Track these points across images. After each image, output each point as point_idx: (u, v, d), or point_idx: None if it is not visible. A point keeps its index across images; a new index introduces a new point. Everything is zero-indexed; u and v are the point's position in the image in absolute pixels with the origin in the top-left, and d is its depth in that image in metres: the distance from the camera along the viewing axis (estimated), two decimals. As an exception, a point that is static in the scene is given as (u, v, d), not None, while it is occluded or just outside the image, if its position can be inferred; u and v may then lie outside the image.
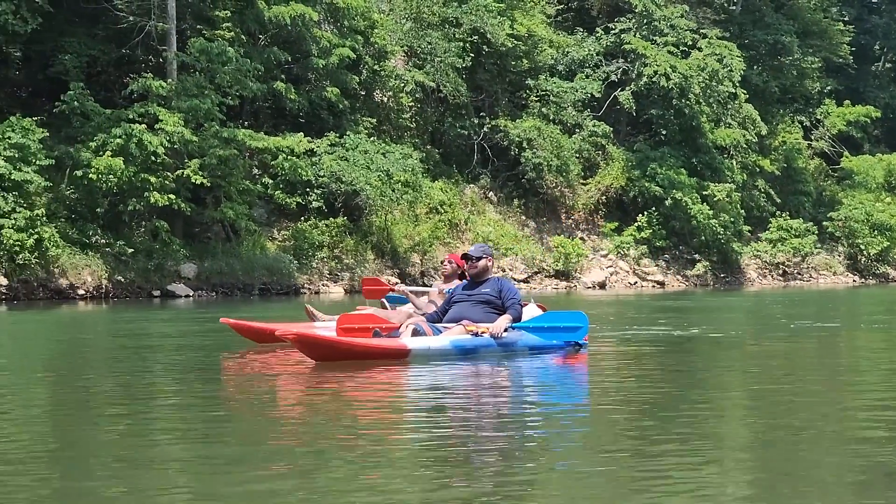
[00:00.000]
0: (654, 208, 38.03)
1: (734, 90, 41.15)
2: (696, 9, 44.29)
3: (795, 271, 42.14)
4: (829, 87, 50.00)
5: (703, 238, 38.52)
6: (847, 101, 49.34)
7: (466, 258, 9.50)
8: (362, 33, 32.40)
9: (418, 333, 8.81)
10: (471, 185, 36.34)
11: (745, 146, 41.90)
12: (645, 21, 40.17)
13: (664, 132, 39.88)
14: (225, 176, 26.47)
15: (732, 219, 39.23)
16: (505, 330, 8.88)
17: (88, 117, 25.15)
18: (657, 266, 38.29)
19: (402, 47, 35.15)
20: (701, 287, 37.03)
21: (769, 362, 9.13)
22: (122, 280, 24.76)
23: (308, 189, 29.16)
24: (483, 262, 9.34)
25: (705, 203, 38.27)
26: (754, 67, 45.09)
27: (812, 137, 49.12)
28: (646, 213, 38.06)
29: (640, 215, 38.11)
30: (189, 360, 9.36)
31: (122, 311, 19.35)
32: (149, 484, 4.10)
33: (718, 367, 8.89)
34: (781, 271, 41.90)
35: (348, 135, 30.34)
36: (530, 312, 9.52)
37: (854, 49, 50.05)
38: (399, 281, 28.43)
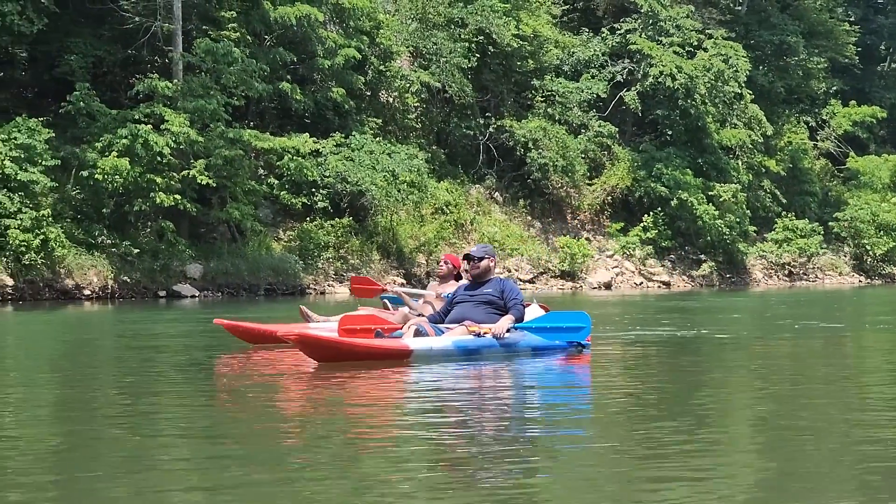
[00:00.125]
0: (660, 209, 38.02)
1: (740, 90, 41.12)
2: (702, 9, 44.24)
3: (801, 272, 42.08)
4: (835, 88, 49.97)
5: (709, 238, 38.49)
6: (853, 102, 49.28)
7: (468, 258, 9.38)
8: (368, 34, 32.42)
9: (420, 334, 8.75)
10: (476, 186, 36.33)
11: (751, 146, 41.90)
12: (650, 21, 40.15)
13: (670, 132, 39.86)
14: (230, 176, 26.50)
15: (738, 219, 39.20)
16: (507, 330, 8.83)
17: (94, 118, 25.21)
18: (663, 266, 38.26)
19: (408, 48, 35.17)
20: (706, 287, 36.99)
21: (774, 363, 9.12)
22: (128, 280, 24.79)
23: (313, 189, 29.17)
24: (485, 263, 9.25)
25: (711, 203, 38.26)
26: (760, 68, 45.07)
27: (818, 138, 49.06)
28: (651, 214, 38.04)
29: (646, 216, 38.09)
30: (194, 361, 9.37)
31: (128, 312, 19.38)
32: (153, 484, 4.12)
33: (723, 368, 8.88)
34: (787, 272, 41.85)
35: (354, 135, 30.37)
36: (533, 313, 9.47)
37: (860, 49, 50.02)
38: (405, 282, 28.45)
